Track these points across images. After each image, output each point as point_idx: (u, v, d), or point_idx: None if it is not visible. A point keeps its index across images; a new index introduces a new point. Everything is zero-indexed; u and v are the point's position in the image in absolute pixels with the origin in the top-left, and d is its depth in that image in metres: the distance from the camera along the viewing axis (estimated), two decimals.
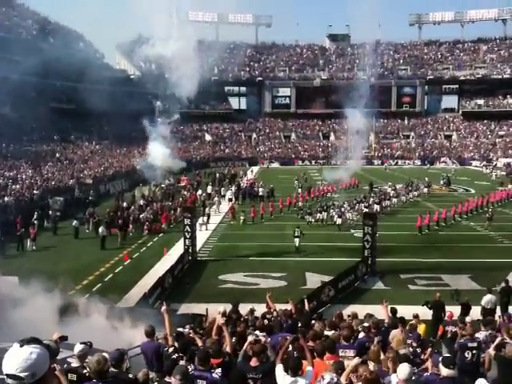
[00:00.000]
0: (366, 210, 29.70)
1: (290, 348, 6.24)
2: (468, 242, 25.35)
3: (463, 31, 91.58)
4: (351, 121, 73.00)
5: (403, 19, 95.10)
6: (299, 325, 9.49)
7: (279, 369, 5.28)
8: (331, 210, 30.07)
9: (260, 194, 38.46)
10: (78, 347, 5.58)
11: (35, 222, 27.17)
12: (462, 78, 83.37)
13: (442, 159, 71.83)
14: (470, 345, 7.65)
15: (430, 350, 7.51)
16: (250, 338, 6.42)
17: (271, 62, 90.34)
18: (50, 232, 28.12)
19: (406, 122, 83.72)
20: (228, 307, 12.06)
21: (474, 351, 7.55)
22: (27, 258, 22.77)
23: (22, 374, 2.05)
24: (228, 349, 6.16)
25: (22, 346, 2.10)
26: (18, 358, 2.06)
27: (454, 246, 24.65)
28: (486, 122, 79.98)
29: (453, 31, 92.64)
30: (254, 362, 5.75)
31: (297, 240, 23.90)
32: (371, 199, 34.03)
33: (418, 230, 27.23)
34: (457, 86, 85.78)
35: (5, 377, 2.06)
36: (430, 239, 26.16)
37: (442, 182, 45.92)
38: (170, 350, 6.39)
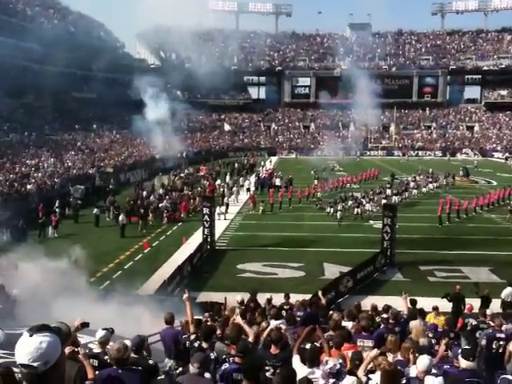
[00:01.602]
0: (384, 201, 29.54)
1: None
2: (489, 234, 25.05)
3: (487, 20, 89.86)
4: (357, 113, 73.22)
5: (426, 8, 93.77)
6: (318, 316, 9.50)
7: (296, 360, 5.30)
8: (349, 202, 29.88)
9: (278, 184, 38.38)
10: (100, 333, 5.67)
11: (57, 209, 27.55)
12: (485, 68, 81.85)
13: (464, 150, 70.84)
14: (498, 335, 7.60)
15: (445, 340, 7.46)
16: (270, 326, 6.46)
17: (291, 51, 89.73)
18: (72, 220, 28.51)
19: (427, 112, 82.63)
20: (246, 296, 12.15)
21: (502, 342, 7.50)
22: (49, 245, 23.11)
23: (34, 364, 2.07)
24: (251, 339, 6.21)
25: (31, 335, 2.11)
26: (29, 348, 2.07)
27: (475, 238, 24.35)
28: (508, 113, 78.48)
29: (476, 20, 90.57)
30: (274, 350, 5.79)
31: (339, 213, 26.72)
32: (389, 190, 33.73)
33: (438, 221, 26.99)
34: (479, 76, 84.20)
35: (18, 366, 2.09)
36: (451, 231, 25.90)
37: (461, 174, 45.32)
38: (192, 337, 6.44)
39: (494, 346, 7.47)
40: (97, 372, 4.64)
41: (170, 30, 76.77)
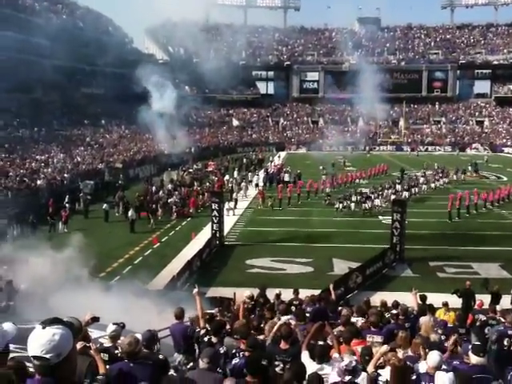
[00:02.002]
0: (393, 196, 29.43)
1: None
2: (499, 230, 24.89)
3: (497, 14, 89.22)
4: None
5: (435, 2, 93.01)
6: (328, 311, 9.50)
7: (305, 356, 5.30)
8: (358, 197, 29.76)
9: (286, 179, 38.32)
10: (111, 327, 5.70)
11: (66, 205, 27.70)
12: (495, 62, 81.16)
13: (474, 145, 70.32)
14: (510, 332, 7.56)
15: (454, 336, 7.43)
16: (280, 322, 6.46)
17: (299, 46, 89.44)
18: (81, 215, 28.65)
19: (436, 107, 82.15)
20: (255, 292, 12.16)
21: None
22: (59, 240, 23.24)
23: (47, 356, 2.09)
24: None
25: (44, 327, 2.13)
26: (42, 340, 2.10)
27: (485, 233, 24.23)
28: None
29: (486, 14, 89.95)
30: (283, 345, 5.80)
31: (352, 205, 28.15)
32: (399, 186, 33.57)
33: (448, 216, 26.86)
34: (489, 70, 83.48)
35: (31, 358, 2.11)
36: (460, 227, 25.76)
37: (469, 168, 44.97)
38: (202, 332, 6.46)
39: (505, 343, 7.43)
40: (107, 366, 4.67)
41: (178, 25, 76.81)
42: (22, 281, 12.61)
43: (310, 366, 5.09)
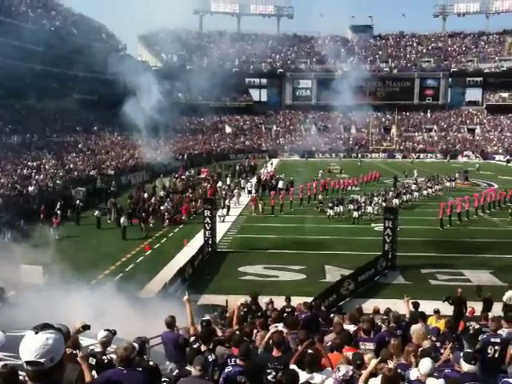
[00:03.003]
0: (383, 204, 29.46)
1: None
2: (490, 237, 25.00)
3: (488, 23, 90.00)
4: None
5: (427, 10, 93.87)
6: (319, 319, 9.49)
7: (293, 368, 5.29)
8: (349, 204, 29.80)
9: (280, 186, 38.33)
10: (102, 333, 5.66)
11: (58, 211, 27.56)
12: (486, 70, 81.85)
13: (465, 153, 70.76)
14: (493, 340, 7.56)
15: (450, 344, 7.44)
16: (272, 330, 6.45)
17: (292, 53, 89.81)
18: (73, 222, 28.51)
19: (428, 114, 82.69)
20: (248, 299, 12.13)
21: (497, 347, 7.46)
22: (50, 247, 23.10)
23: (41, 360, 2.10)
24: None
25: (37, 332, 2.14)
26: (36, 345, 2.11)
27: (476, 241, 24.33)
28: (510, 115, 78.47)
29: (478, 23, 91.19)
30: (276, 353, 5.79)
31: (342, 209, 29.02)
32: (390, 193, 33.67)
33: (439, 224, 26.96)
34: (481, 78, 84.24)
35: (24, 364, 2.10)
36: (452, 234, 25.86)
37: (457, 176, 44.64)
38: (192, 339, 6.44)
39: (489, 351, 7.43)
40: (94, 373, 4.64)
41: (172, 33, 76.98)
42: (11, 288, 12.52)
43: (301, 376, 5.08)
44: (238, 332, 7.00)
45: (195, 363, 4.78)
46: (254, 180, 41.54)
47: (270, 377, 5.38)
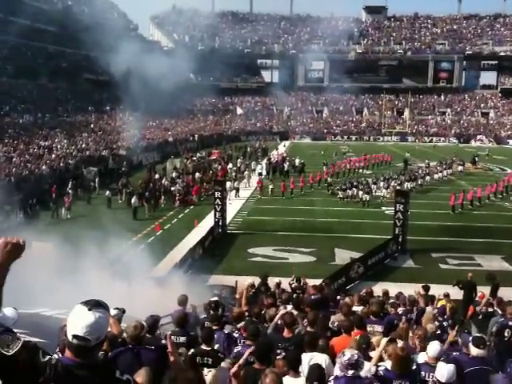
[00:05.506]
0: (397, 187, 29.30)
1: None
2: (502, 222, 24.83)
3: (505, 4, 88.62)
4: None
5: None
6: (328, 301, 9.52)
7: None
8: (360, 186, 29.67)
9: (290, 168, 38.15)
10: (112, 312, 5.72)
11: (69, 191, 27.74)
12: (501, 53, 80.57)
13: (478, 137, 69.90)
14: (511, 324, 7.56)
15: (456, 327, 7.43)
16: (282, 311, 6.48)
17: (305, 34, 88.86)
18: (84, 201, 28.69)
19: (442, 98, 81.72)
20: (256, 280, 12.20)
21: None
22: (61, 225, 23.32)
23: (89, 337, 2.13)
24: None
25: (90, 309, 2.17)
26: (88, 321, 2.13)
27: (488, 225, 24.17)
28: None
29: (494, 4, 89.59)
30: (287, 333, 5.82)
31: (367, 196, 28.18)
32: (402, 176, 33.45)
33: (451, 208, 26.78)
34: (496, 61, 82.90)
35: (70, 337, 2.13)
36: (463, 218, 25.71)
37: (454, 159, 43.60)
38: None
39: (506, 335, 7.43)
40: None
41: (184, 13, 76.49)
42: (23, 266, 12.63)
43: (304, 358, 5.08)
44: (246, 313, 7.05)
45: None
46: (264, 162, 41.43)
47: (279, 357, 5.42)
